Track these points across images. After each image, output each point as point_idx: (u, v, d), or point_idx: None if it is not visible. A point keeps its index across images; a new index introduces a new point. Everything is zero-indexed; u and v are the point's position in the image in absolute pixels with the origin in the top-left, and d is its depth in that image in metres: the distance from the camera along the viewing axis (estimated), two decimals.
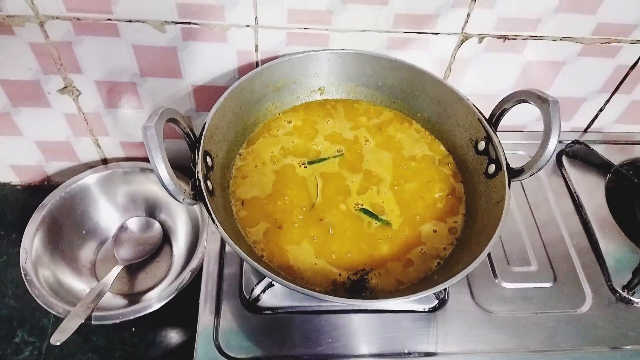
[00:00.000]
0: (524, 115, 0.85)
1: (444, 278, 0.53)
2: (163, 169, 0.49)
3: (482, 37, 0.71)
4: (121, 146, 0.86)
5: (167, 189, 0.50)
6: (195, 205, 0.75)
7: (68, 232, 0.81)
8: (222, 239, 0.52)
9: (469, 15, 0.67)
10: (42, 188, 0.92)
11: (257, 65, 0.72)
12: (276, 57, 0.70)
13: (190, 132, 0.57)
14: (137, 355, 0.74)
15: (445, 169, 0.69)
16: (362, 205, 0.64)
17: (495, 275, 0.69)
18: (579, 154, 0.82)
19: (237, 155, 0.67)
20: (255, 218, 0.62)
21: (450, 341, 0.63)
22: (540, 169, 0.57)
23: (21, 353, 0.74)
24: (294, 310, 0.63)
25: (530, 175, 0.58)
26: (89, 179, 0.82)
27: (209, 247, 0.68)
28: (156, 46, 0.68)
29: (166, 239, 0.86)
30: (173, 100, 0.77)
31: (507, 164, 0.60)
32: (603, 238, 0.73)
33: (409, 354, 0.62)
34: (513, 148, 0.82)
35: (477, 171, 0.65)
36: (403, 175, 0.68)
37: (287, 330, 0.62)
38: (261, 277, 0.64)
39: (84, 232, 0.83)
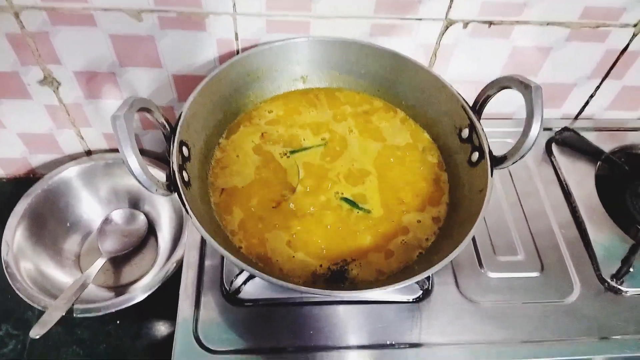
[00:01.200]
0: (512, 103, 0.83)
1: (424, 267, 0.52)
2: (133, 159, 0.48)
3: (467, 23, 0.69)
4: (104, 137, 0.85)
5: (138, 180, 0.49)
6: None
7: (51, 224, 0.80)
8: None
9: (452, 0, 0.66)
10: (27, 180, 0.91)
11: (237, 54, 0.70)
12: (257, 45, 0.69)
13: (165, 122, 0.56)
14: (122, 348, 0.74)
15: (430, 158, 0.68)
16: (342, 194, 0.63)
17: (481, 265, 0.68)
18: (568, 141, 0.81)
19: (217, 146, 0.66)
20: (234, 209, 0.61)
21: (435, 332, 0.62)
22: (523, 156, 0.56)
23: (5, 346, 0.73)
24: (276, 302, 0.63)
25: (513, 163, 0.57)
26: (71, 171, 0.81)
27: (189, 238, 0.68)
28: (133, 35, 0.67)
29: (151, 230, 0.85)
30: (154, 90, 0.76)
31: (490, 152, 0.59)
32: (592, 226, 0.72)
33: (393, 345, 0.61)
34: (501, 136, 0.80)
35: (461, 159, 0.64)
36: (387, 164, 0.67)
37: (269, 322, 0.61)
38: (242, 269, 0.63)
39: (67, 224, 0.82)
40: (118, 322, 0.76)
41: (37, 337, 0.63)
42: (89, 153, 0.88)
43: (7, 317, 0.76)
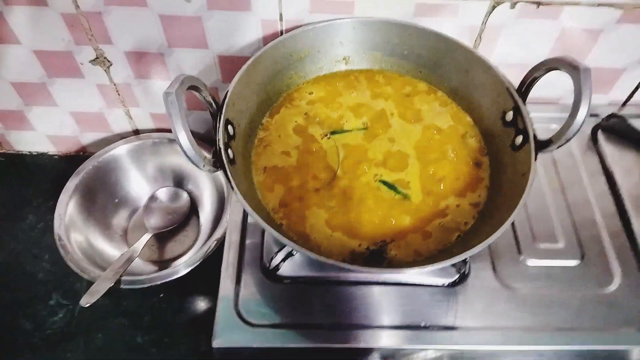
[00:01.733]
0: (559, 87, 0.81)
1: (462, 250, 0.52)
2: (183, 135, 0.49)
3: (515, 3, 0.68)
4: (151, 117, 0.88)
5: (187, 155, 0.50)
6: (221, 176, 0.76)
7: (101, 200, 0.84)
8: (244, 209, 0.52)
9: None
10: (77, 158, 0.95)
11: (281, 34, 0.71)
12: (300, 26, 0.69)
13: (212, 101, 0.57)
14: (164, 320, 0.77)
15: (471, 141, 0.67)
16: (382, 176, 0.64)
17: (519, 252, 0.67)
18: (615, 128, 0.78)
19: (260, 125, 0.67)
20: (275, 187, 0.63)
21: (469, 316, 0.62)
22: (568, 140, 0.55)
23: (56, 315, 0.77)
24: (313, 280, 0.64)
25: (559, 147, 0.56)
26: (120, 149, 0.84)
27: (231, 217, 0.69)
28: (182, 16, 0.69)
29: (193, 209, 0.87)
30: (199, 71, 0.77)
31: (535, 135, 0.58)
32: (637, 217, 0.69)
33: (427, 327, 0.61)
34: (546, 121, 0.78)
35: (503, 143, 0.63)
36: (427, 147, 0.66)
37: (306, 299, 0.63)
38: (281, 246, 0.64)
39: (116, 200, 0.86)
40: (161, 295, 0.79)
41: (87, 305, 0.66)
42: (136, 132, 0.91)
43: (57, 288, 0.80)
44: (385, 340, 0.60)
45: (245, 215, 0.69)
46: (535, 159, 0.56)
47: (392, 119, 0.69)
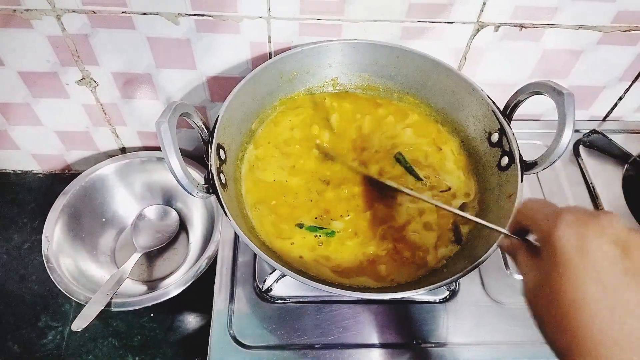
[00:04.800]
0: (541, 105, 0.83)
1: (452, 272, 0.53)
2: (176, 164, 0.50)
3: (498, 26, 0.69)
4: (138, 136, 0.87)
5: (181, 184, 0.51)
6: None
7: (88, 220, 0.83)
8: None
9: (484, 3, 0.66)
10: (63, 176, 0.94)
11: (270, 57, 0.72)
12: (289, 48, 0.70)
13: (203, 126, 0.58)
14: (155, 340, 0.77)
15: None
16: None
17: (507, 266, 0.69)
18: (596, 143, 0.81)
19: (250, 147, 0.68)
20: (266, 209, 0.63)
21: (460, 332, 0.63)
22: (553, 163, 0.56)
23: (45, 337, 0.77)
24: (306, 300, 0.65)
25: (544, 169, 0.58)
26: (108, 169, 0.84)
27: (223, 235, 0.70)
28: (170, 38, 0.69)
29: (183, 226, 0.87)
30: (188, 91, 0.77)
31: (521, 157, 0.60)
32: None
33: (419, 344, 0.62)
34: (529, 138, 0.81)
35: (490, 163, 0.65)
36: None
37: (299, 319, 0.64)
38: (274, 267, 0.64)
39: (103, 219, 0.85)
40: (152, 314, 0.79)
41: (79, 329, 0.66)
42: (123, 150, 0.90)
43: (45, 309, 0.79)
44: (378, 358, 0.61)
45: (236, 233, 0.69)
46: (522, 181, 0.58)
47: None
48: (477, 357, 0.62)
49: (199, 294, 0.71)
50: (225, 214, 0.53)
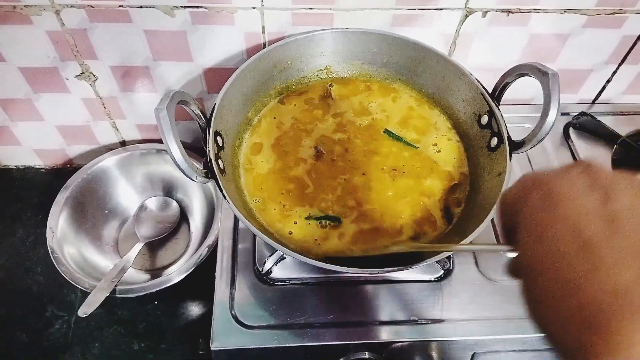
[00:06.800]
0: (531, 88, 0.85)
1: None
2: (176, 149, 0.51)
3: (486, 12, 0.71)
4: (137, 129, 0.89)
5: (180, 168, 0.52)
6: (209, 184, 0.78)
7: (91, 211, 0.85)
8: (235, 215, 0.55)
9: None
10: (65, 170, 0.96)
11: (264, 47, 0.74)
12: (282, 38, 0.72)
13: (201, 114, 0.59)
14: (160, 326, 0.79)
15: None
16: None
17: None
18: (585, 125, 0.83)
19: (247, 133, 0.70)
20: (264, 194, 0.65)
21: (455, 309, 0.65)
22: (540, 141, 0.58)
23: (52, 326, 0.79)
24: (305, 281, 0.67)
25: (531, 148, 0.60)
26: (109, 161, 0.86)
27: (223, 224, 0.72)
28: (167, 31, 0.71)
29: (183, 217, 0.89)
30: (185, 83, 0.79)
31: (509, 137, 0.62)
32: None
33: (417, 321, 0.64)
34: (519, 121, 0.82)
35: (480, 145, 0.67)
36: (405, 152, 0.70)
37: (299, 299, 0.65)
38: (273, 250, 0.67)
39: (106, 211, 0.87)
40: (156, 302, 0.80)
41: (85, 315, 0.68)
42: (123, 144, 0.92)
43: (51, 300, 0.81)
44: (376, 335, 0.63)
45: (236, 221, 0.71)
46: (510, 160, 0.60)
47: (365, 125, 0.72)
48: (472, 332, 0.64)
49: (201, 281, 0.73)
50: (224, 197, 0.55)
